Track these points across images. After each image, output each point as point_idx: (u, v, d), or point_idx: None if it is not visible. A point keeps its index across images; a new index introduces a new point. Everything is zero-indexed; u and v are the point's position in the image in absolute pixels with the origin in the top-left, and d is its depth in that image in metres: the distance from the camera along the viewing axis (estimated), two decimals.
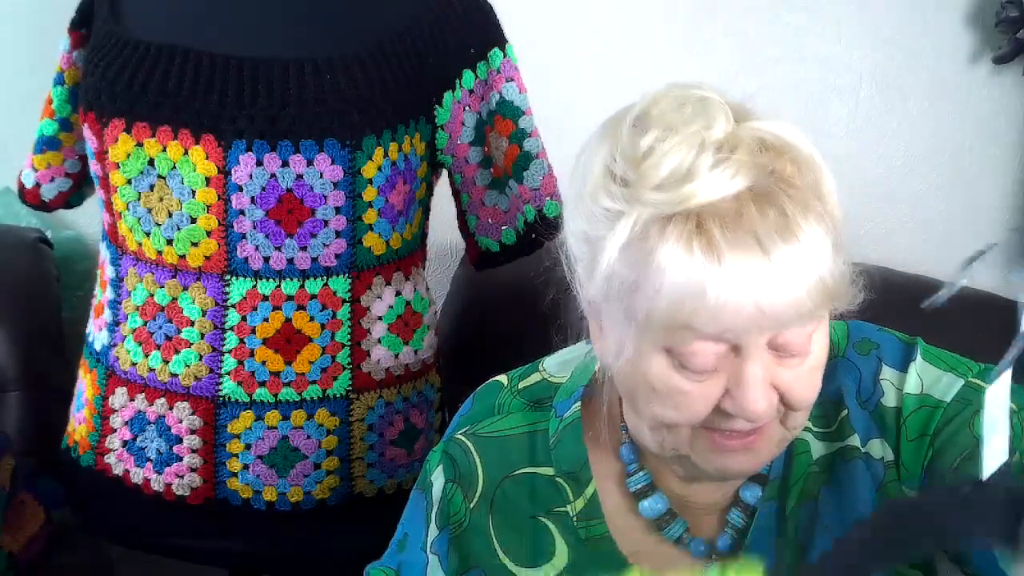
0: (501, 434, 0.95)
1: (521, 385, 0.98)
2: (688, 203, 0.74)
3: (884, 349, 0.92)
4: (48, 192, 1.42)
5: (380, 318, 1.27)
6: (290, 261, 1.21)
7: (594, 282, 0.80)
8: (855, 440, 0.89)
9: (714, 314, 0.74)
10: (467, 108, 1.26)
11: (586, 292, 0.83)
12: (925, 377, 0.89)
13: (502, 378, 1.00)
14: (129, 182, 1.20)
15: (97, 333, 1.33)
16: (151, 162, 1.18)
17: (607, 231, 0.78)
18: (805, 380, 0.81)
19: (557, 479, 0.93)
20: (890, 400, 0.89)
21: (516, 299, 1.08)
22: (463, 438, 0.96)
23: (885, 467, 0.88)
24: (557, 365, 0.99)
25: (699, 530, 0.92)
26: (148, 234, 1.22)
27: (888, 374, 0.90)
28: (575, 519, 0.92)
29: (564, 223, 0.86)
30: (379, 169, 1.20)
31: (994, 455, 0.67)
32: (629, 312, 0.78)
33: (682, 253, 0.74)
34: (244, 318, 1.22)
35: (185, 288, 1.22)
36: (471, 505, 0.94)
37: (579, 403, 0.94)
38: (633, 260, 0.76)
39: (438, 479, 0.95)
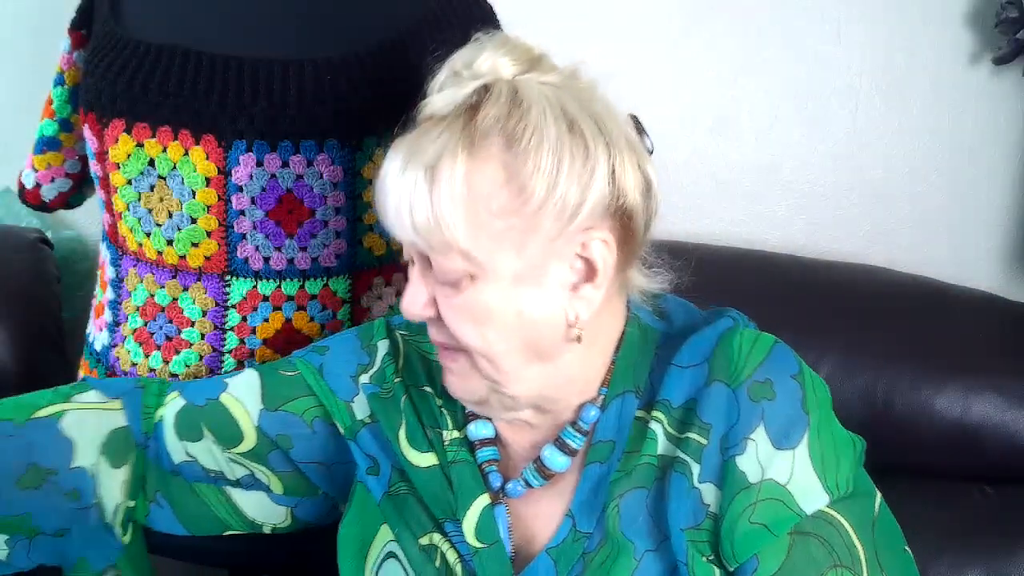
0: (421, 353, 1.07)
1: None
2: (419, 113, 0.89)
3: (776, 408, 0.87)
4: (48, 192, 1.42)
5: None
6: (290, 261, 1.21)
7: None
8: (695, 470, 0.89)
9: (378, 201, 0.89)
10: None
11: None
12: (795, 472, 0.86)
13: None
14: (129, 182, 1.20)
15: (97, 333, 1.33)
16: (151, 162, 1.18)
17: None
18: (456, 312, 0.88)
19: (443, 408, 1.03)
20: (746, 465, 0.87)
21: None
22: (399, 337, 1.09)
23: (707, 515, 0.88)
24: None
25: (508, 472, 1.00)
26: (148, 234, 1.22)
27: (760, 440, 0.87)
28: (447, 443, 1.01)
29: None
30: (379, 169, 1.20)
31: None
32: None
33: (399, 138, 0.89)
34: (244, 318, 1.22)
35: (185, 288, 1.22)
36: (396, 380, 1.06)
37: None
38: None
39: (383, 347, 1.08)
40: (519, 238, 0.85)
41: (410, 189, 0.85)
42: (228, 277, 1.21)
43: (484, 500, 0.98)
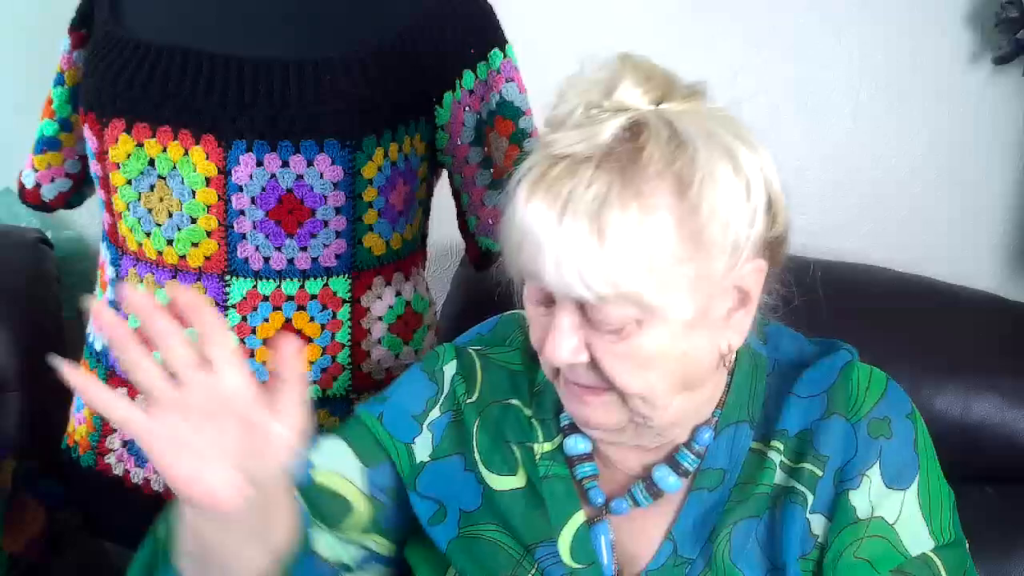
0: (505, 365, 1.04)
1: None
2: (548, 149, 0.81)
3: (893, 447, 0.89)
4: (48, 192, 1.42)
5: (380, 318, 1.27)
6: (290, 261, 1.21)
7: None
8: (809, 500, 0.90)
9: (519, 247, 0.82)
10: (467, 108, 1.26)
11: None
12: (904, 513, 0.89)
13: (521, 312, 1.05)
14: (129, 182, 1.20)
15: (97, 333, 1.33)
16: (151, 162, 1.18)
17: None
18: (619, 359, 0.83)
19: (533, 420, 0.99)
20: (858, 500, 0.88)
21: (516, 299, 1.08)
22: (474, 353, 1.05)
23: (815, 545, 0.89)
24: None
25: (611, 489, 0.96)
26: (148, 234, 1.22)
27: (874, 477, 0.89)
28: (538, 457, 0.97)
29: None
30: (379, 169, 1.20)
31: None
32: None
33: (523, 185, 0.82)
34: (244, 318, 1.22)
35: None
36: (467, 401, 1.02)
37: None
38: (515, 183, 0.85)
39: (450, 369, 1.04)
40: (693, 283, 0.82)
41: (575, 242, 0.79)
42: (228, 277, 1.21)
43: (580, 517, 0.94)
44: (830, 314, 1.43)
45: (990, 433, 1.35)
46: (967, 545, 0.93)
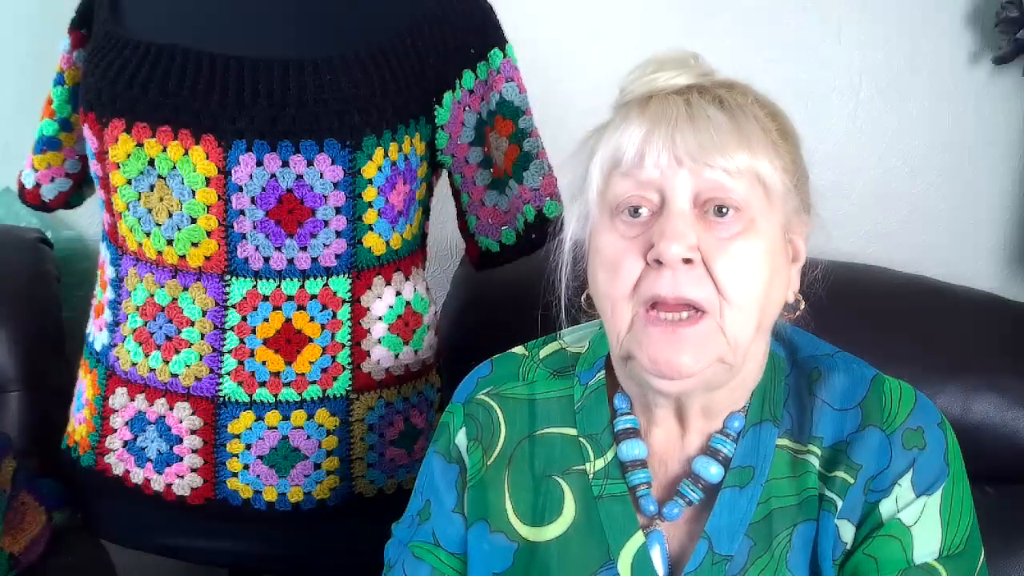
0: (526, 397, 1.01)
1: (542, 354, 1.04)
2: (643, 88, 0.89)
3: (925, 457, 0.91)
4: (48, 192, 1.42)
5: (380, 318, 1.27)
6: (290, 261, 1.21)
7: (584, 189, 0.92)
8: (839, 505, 0.91)
9: (639, 148, 0.87)
10: (467, 108, 1.26)
11: (582, 214, 0.94)
12: (924, 517, 0.90)
13: (519, 349, 1.06)
14: (129, 182, 1.20)
15: (97, 333, 1.33)
16: (151, 162, 1.18)
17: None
18: (736, 257, 0.86)
19: (580, 439, 0.98)
20: (885, 508, 0.90)
21: (516, 299, 1.08)
22: (486, 398, 1.02)
23: (843, 552, 0.91)
24: (574, 337, 1.04)
25: (660, 495, 0.95)
26: (148, 234, 1.22)
27: (905, 486, 0.90)
28: (591, 477, 0.96)
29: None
30: (379, 169, 1.20)
31: None
32: (588, 188, 0.91)
33: (627, 113, 0.89)
34: (244, 318, 1.22)
35: (185, 288, 1.22)
36: (489, 461, 1.00)
37: (603, 372, 1.00)
38: (600, 135, 0.92)
39: (462, 440, 1.01)
40: (791, 206, 0.90)
41: (708, 115, 0.87)
42: (228, 277, 1.21)
43: (639, 539, 0.94)
44: (830, 314, 1.43)
45: (990, 433, 1.35)
46: (982, 560, 0.93)
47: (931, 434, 0.92)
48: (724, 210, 0.86)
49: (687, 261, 0.85)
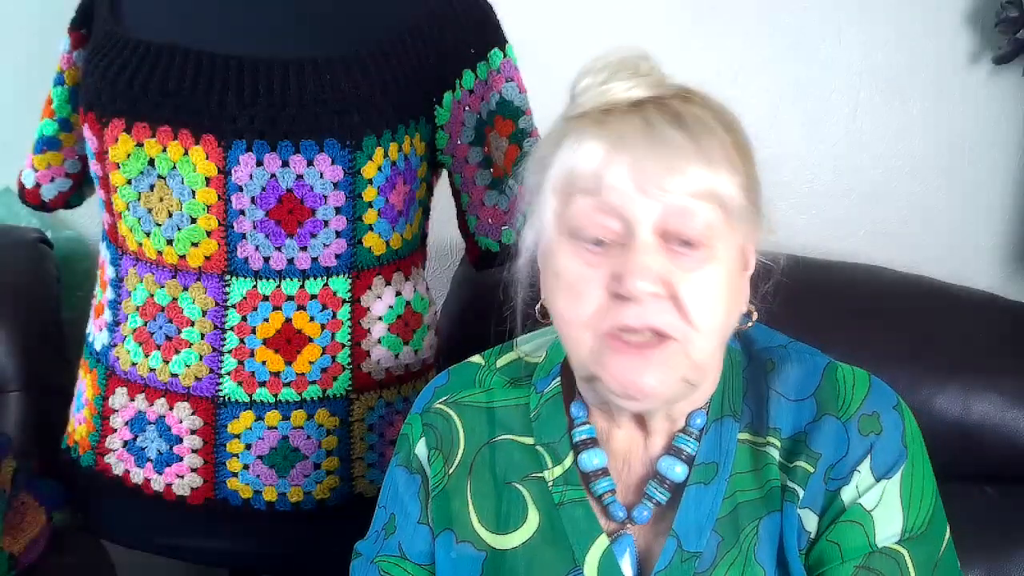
0: (484, 404, 1.01)
1: (499, 364, 1.04)
2: (598, 100, 0.86)
3: (882, 441, 0.91)
4: (48, 192, 1.42)
5: (380, 318, 1.27)
6: (290, 261, 1.21)
7: (539, 204, 0.91)
8: (800, 495, 0.91)
9: (598, 171, 0.84)
10: (467, 108, 1.26)
11: (537, 229, 0.92)
12: (884, 501, 0.90)
13: (476, 358, 1.06)
14: (129, 182, 1.20)
15: (97, 333, 1.33)
16: (151, 162, 1.18)
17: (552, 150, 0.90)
18: (701, 286, 0.85)
19: (537, 447, 0.98)
20: (847, 495, 0.90)
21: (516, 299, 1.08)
22: (443, 407, 1.02)
23: (808, 540, 0.91)
24: (531, 345, 1.05)
25: (626, 498, 0.95)
26: (148, 234, 1.22)
27: (864, 472, 0.91)
28: (551, 484, 0.96)
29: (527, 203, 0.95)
30: (379, 169, 1.20)
31: None
32: (536, 198, 0.90)
33: (583, 129, 0.86)
34: (244, 318, 1.22)
35: (185, 288, 1.22)
36: (450, 470, 0.99)
37: (559, 379, 1.00)
38: (549, 148, 0.90)
39: (422, 450, 1.01)
40: (748, 223, 0.89)
41: (667, 140, 0.84)
42: (228, 277, 1.21)
43: (603, 542, 0.93)
44: (831, 314, 1.44)
45: (990, 433, 1.35)
46: (948, 538, 0.93)
47: (887, 418, 0.91)
48: (688, 242, 0.86)
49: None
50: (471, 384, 1.03)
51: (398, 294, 1.28)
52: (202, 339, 1.23)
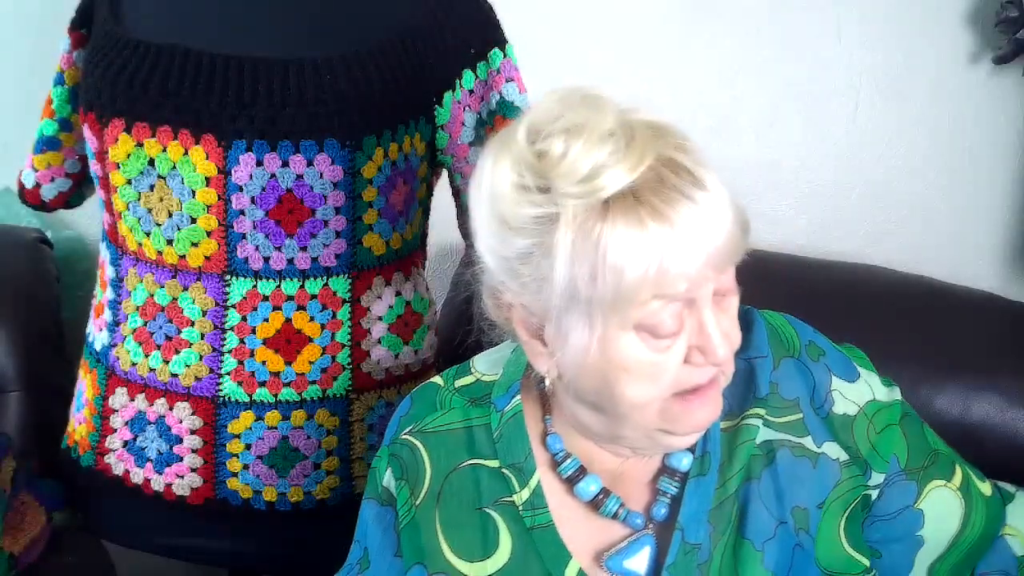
0: (445, 428, 1.00)
1: (457, 384, 1.03)
2: (618, 185, 0.80)
3: (830, 358, 0.98)
4: (48, 192, 1.42)
5: (380, 318, 1.27)
6: (290, 261, 1.21)
7: (549, 294, 0.84)
8: (809, 442, 0.95)
9: (679, 273, 0.81)
10: (467, 108, 1.26)
11: (532, 311, 0.88)
12: (873, 385, 0.99)
13: (437, 379, 1.05)
14: (129, 182, 1.20)
15: (97, 333, 1.33)
16: (151, 162, 1.18)
17: (545, 237, 0.82)
18: (734, 321, 0.89)
19: (503, 470, 0.97)
20: (840, 408, 0.97)
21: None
22: (408, 437, 1.01)
23: (841, 466, 0.95)
24: (487, 364, 1.04)
25: (634, 503, 0.96)
26: (148, 234, 1.22)
27: (838, 384, 0.97)
28: (520, 508, 0.96)
29: (478, 260, 0.92)
30: (379, 169, 1.20)
31: None
32: (592, 306, 0.82)
33: (635, 228, 0.80)
34: (244, 318, 1.22)
35: (185, 288, 1.22)
36: (416, 502, 0.98)
37: (519, 397, 0.99)
38: (584, 254, 0.81)
39: (389, 480, 1.00)
40: None
41: (718, 208, 0.83)
42: (228, 277, 1.21)
43: (575, 566, 0.93)
44: (830, 314, 1.43)
45: (990, 433, 1.35)
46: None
47: (819, 340, 1.00)
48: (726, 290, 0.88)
49: None
50: (432, 407, 1.02)
51: (398, 294, 1.28)
52: (202, 339, 1.23)
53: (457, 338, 1.52)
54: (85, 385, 1.34)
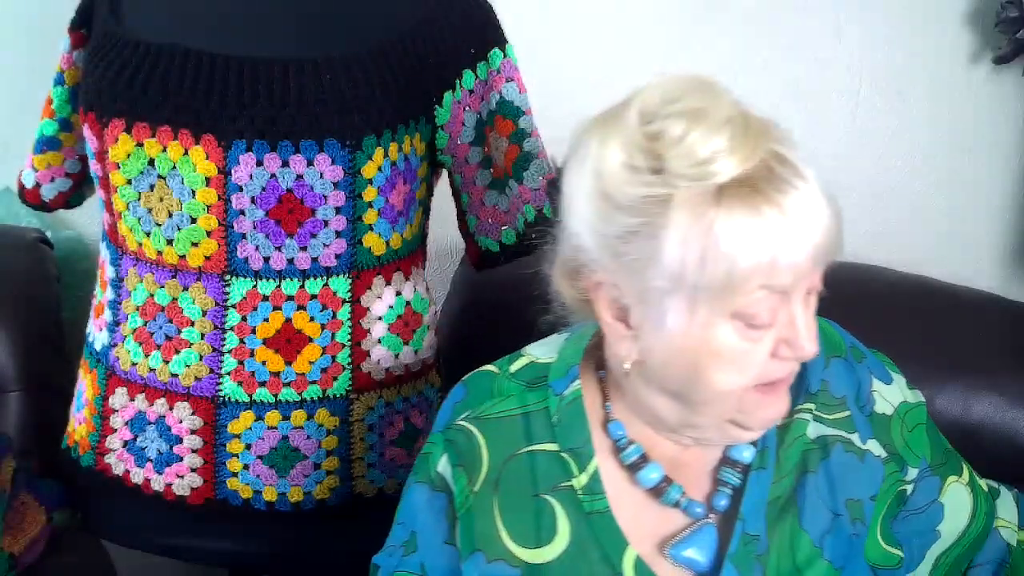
0: (504, 415, 0.99)
1: (512, 369, 1.03)
2: (733, 172, 0.82)
3: (870, 361, 1.02)
4: (48, 192, 1.42)
5: (380, 318, 1.27)
6: (290, 261, 1.21)
7: (651, 275, 0.84)
8: (856, 439, 0.98)
9: (788, 264, 0.82)
10: (467, 108, 1.26)
11: (623, 291, 0.88)
12: (900, 385, 1.03)
13: (491, 367, 1.04)
14: (129, 182, 1.20)
15: (97, 333, 1.33)
16: (151, 162, 1.18)
17: (654, 217, 0.83)
18: (814, 319, 0.90)
19: (562, 454, 0.97)
20: (880, 408, 1.00)
21: (516, 299, 1.08)
22: (465, 423, 1.00)
23: (883, 463, 0.98)
24: (542, 351, 1.04)
25: (693, 492, 0.96)
26: (148, 234, 1.22)
27: (878, 386, 1.01)
28: (580, 493, 0.95)
29: (563, 239, 0.92)
30: (379, 169, 1.20)
31: None
32: (697, 291, 0.83)
33: (752, 217, 0.81)
34: (244, 318, 1.22)
35: (185, 288, 1.22)
36: (475, 488, 0.97)
37: (579, 381, 0.99)
38: (695, 238, 0.82)
39: (444, 466, 0.99)
40: None
41: (819, 200, 0.85)
42: (228, 277, 1.21)
43: (632, 554, 0.93)
44: (830, 314, 1.43)
45: (990, 433, 1.35)
46: None
47: (857, 343, 1.03)
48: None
49: None
50: (489, 394, 1.01)
51: (398, 294, 1.28)
52: (202, 339, 1.23)
53: (457, 338, 1.52)
54: (85, 385, 1.34)
